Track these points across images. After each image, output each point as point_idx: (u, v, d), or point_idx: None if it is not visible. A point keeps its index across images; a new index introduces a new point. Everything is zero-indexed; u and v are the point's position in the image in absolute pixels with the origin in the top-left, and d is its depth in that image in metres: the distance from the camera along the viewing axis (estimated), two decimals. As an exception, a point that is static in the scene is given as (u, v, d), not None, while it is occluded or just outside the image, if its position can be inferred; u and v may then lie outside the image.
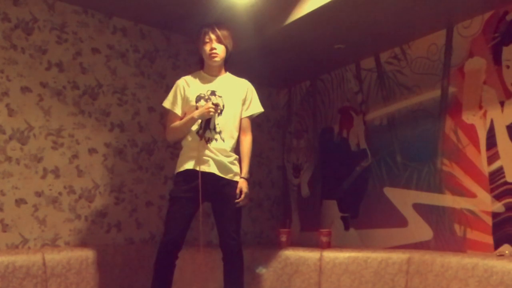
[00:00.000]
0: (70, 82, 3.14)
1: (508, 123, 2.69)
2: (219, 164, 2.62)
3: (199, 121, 2.63)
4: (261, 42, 3.31)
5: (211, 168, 2.61)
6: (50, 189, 2.99)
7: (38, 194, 2.94)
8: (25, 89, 2.95)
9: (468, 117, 2.90)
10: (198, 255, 3.11)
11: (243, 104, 2.77)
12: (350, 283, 2.86)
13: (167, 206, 2.68)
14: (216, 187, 2.62)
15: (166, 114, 2.82)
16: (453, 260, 2.48)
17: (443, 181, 3.00)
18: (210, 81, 2.74)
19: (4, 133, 2.85)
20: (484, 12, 2.85)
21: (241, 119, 2.77)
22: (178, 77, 2.81)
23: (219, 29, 2.68)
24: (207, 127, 2.63)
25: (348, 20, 2.98)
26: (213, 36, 2.67)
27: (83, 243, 3.06)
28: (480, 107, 2.84)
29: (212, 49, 2.66)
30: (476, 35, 2.90)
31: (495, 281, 2.24)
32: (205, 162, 2.61)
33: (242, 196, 2.63)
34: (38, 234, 2.91)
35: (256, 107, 2.83)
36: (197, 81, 2.74)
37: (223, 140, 2.66)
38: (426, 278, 2.58)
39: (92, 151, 3.19)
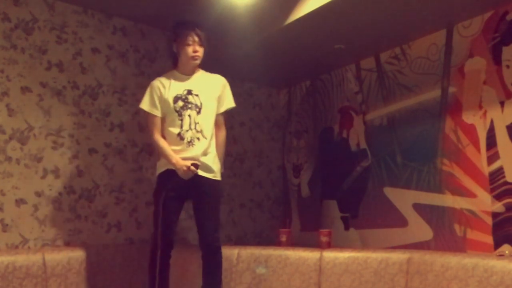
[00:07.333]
0: (70, 82, 3.14)
1: (508, 123, 2.69)
2: (201, 164, 2.63)
3: (179, 122, 2.64)
4: (261, 42, 3.30)
5: None
6: (50, 189, 2.99)
7: (38, 194, 2.94)
8: (25, 89, 2.95)
9: (468, 117, 2.90)
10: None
11: (219, 101, 2.78)
12: (350, 283, 2.86)
13: (154, 207, 2.67)
14: (198, 185, 2.64)
15: (146, 117, 2.78)
16: (453, 260, 2.48)
17: (443, 181, 3.00)
18: (185, 81, 2.73)
19: (4, 133, 2.85)
20: (484, 12, 2.85)
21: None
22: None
23: (200, 31, 2.68)
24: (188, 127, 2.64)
25: (348, 20, 2.98)
26: (196, 39, 2.67)
27: (83, 243, 3.06)
28: (480, 107, 2.84)
29: (195, 51, 2.67)
30: (476, 35, 2.90)
31: (495, 281, 2.23)
32: (187, 162, 2.60)
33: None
34: (38, 234, 2.91)
35: (230, 102, 2.83)
36: (172, 81, 2.72)
37: (206, 138, 2.67)
38: (426, 278, 2.58)
39: (92, 151, 3.19)
